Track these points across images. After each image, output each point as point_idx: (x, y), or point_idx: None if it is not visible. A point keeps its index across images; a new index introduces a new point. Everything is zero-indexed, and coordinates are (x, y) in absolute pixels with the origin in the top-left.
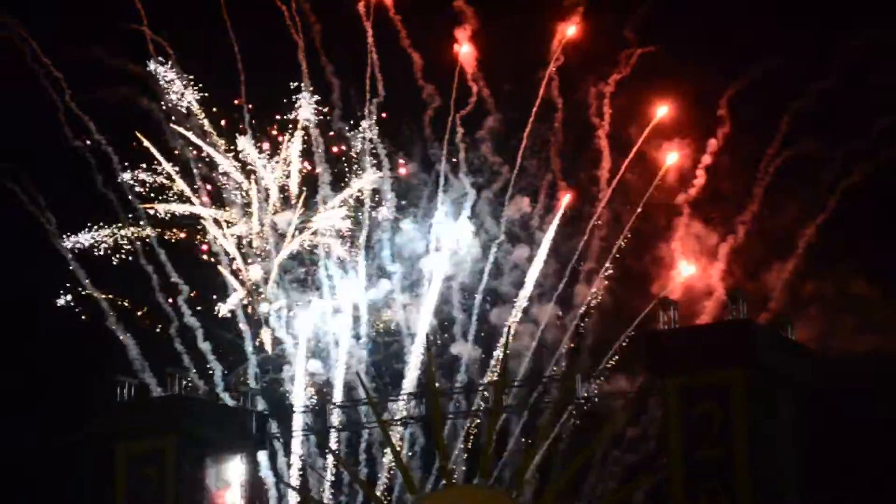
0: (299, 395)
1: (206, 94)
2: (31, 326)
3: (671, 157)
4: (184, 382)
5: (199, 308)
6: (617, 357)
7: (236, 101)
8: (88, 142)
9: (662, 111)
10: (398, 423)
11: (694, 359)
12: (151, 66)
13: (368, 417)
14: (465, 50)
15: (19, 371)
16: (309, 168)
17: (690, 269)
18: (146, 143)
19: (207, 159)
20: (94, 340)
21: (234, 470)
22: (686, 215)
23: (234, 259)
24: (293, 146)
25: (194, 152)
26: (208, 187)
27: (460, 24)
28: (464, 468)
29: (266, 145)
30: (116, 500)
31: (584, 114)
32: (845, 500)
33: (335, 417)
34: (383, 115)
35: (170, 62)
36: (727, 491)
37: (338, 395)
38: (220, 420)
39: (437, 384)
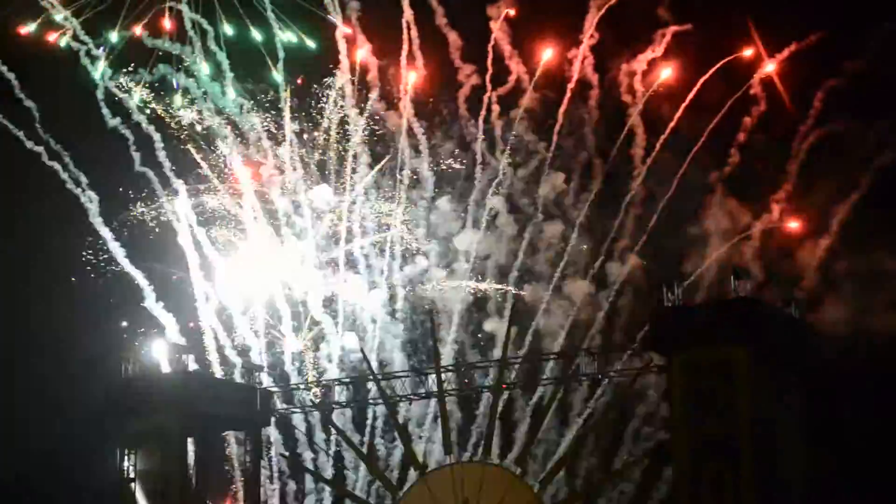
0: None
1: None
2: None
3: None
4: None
5: None
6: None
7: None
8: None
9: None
10: (401, 399)
11: (698, 336)
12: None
13: (403, 390)
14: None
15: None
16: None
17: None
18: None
19: (245, 138)
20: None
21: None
22: (720, 193)
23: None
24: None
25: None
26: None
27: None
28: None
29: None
30: (125, 474)
31: (617, 91)
32: (850, 477)
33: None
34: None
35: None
36: (731, 467)
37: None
38: (226, 396)
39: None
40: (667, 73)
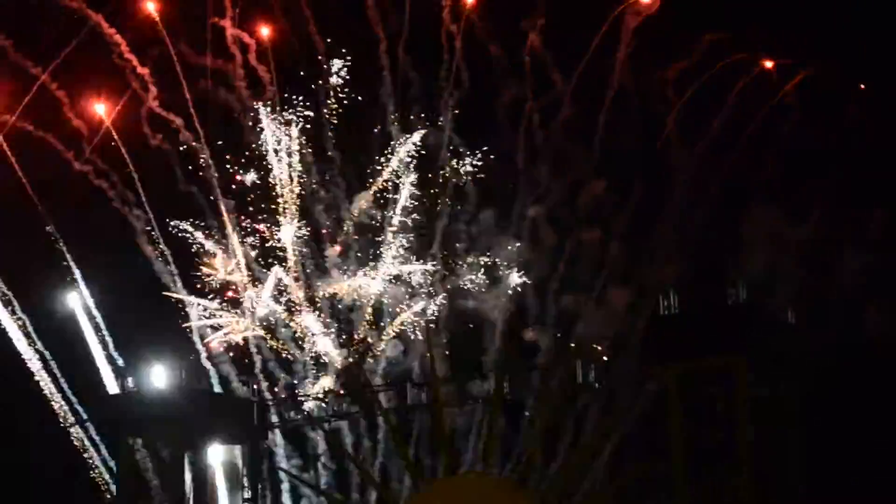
0: None
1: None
2: None
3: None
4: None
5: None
6: None
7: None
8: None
9: None
10: (399, 410)
11: (694, 344)
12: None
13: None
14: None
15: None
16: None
17: None
18: None
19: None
20: None
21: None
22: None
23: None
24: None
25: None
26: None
27: (529, 15)
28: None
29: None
30: (120, 488)
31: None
32: (850, 484)
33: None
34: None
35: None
36: (730, 475)
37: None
38: (222, 411)
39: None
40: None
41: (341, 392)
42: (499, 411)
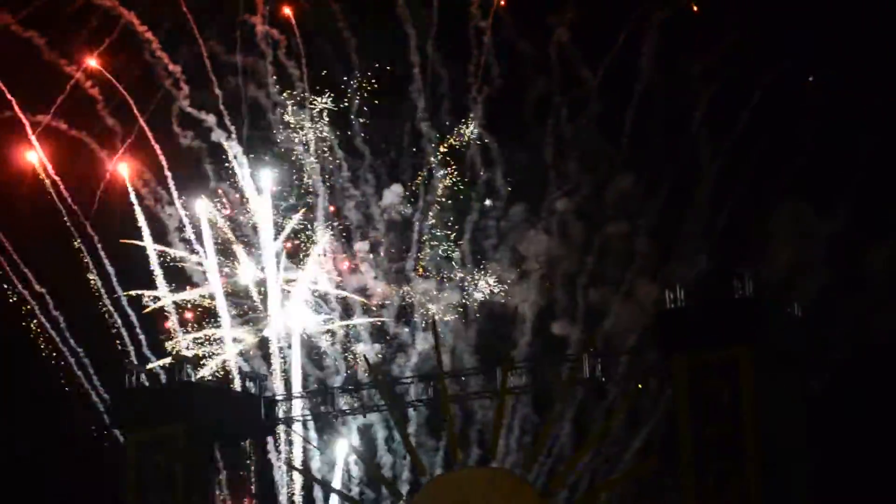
0: None
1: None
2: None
3: None
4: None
5: None
6: None
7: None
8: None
9: None
10: (409, 405)
11: (701, 337)
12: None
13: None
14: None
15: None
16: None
17: None
18: None
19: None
20: None
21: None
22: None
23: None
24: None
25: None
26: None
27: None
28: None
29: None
30: (127, 487)
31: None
32: (854, 478)
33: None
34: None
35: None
36: (736, 469)
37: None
38: (228, 407)
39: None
40: None
41: (349, 387)
42: (503, 405)
